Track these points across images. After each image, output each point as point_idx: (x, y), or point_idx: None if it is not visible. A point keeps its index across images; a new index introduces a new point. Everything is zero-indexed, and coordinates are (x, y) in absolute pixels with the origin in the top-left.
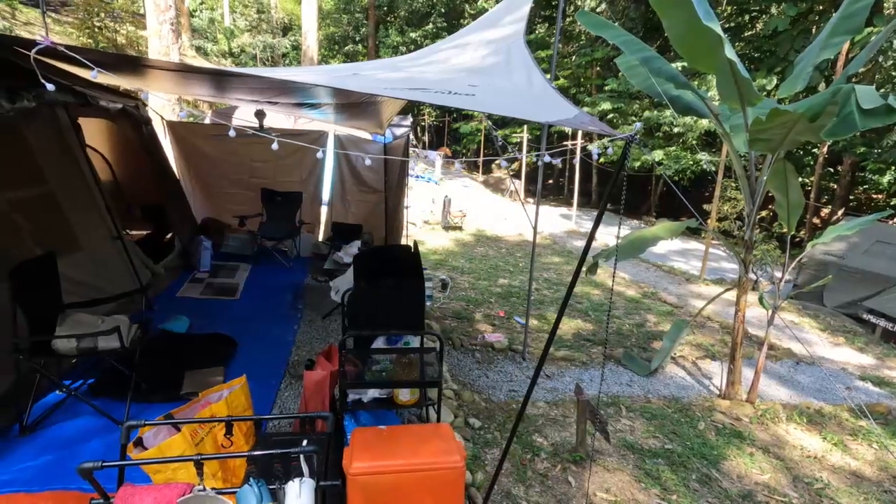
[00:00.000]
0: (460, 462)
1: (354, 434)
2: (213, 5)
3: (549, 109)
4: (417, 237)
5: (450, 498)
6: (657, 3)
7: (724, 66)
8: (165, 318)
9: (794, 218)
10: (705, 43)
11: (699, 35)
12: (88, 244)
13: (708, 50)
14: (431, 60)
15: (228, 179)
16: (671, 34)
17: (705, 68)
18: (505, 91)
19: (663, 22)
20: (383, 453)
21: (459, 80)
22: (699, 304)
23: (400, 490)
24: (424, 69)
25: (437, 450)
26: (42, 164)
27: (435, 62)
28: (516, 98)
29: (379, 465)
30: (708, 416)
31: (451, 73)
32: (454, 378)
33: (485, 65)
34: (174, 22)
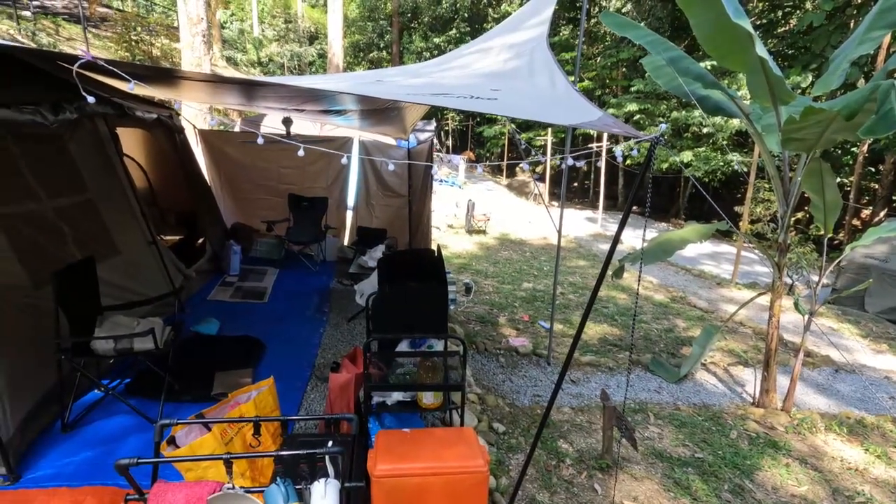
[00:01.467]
0: (484, 467)
1: (379, 436)
2: (243, 17)
3: (572, 112)
4: (441, 241)
5: (473, 502)
6: (684, 1)
7: (755, 64)
8: (197, 321)
9: (830, 219)
10: (735, 41)
11: (728, 33)
12: (125, 249)
13: (738, 48)
14: (454, 66)
15: (257, 185)
16: (699, 33)
17: (735, 67)
18: (527, 94)
19: (690, 21)
20: (407, 456)
21: (481, 84)
22: (731, 309)
23: (423, 493)
24: (446, 74)
25: (461, 454)
26: (83, 172)
27: (457, 67)
28: (539, 101)
29: (403, 468)
30: (741, 425)
31: (473, 78)
32: (478, 382)
33: (507, 69)
34: (206, 34)
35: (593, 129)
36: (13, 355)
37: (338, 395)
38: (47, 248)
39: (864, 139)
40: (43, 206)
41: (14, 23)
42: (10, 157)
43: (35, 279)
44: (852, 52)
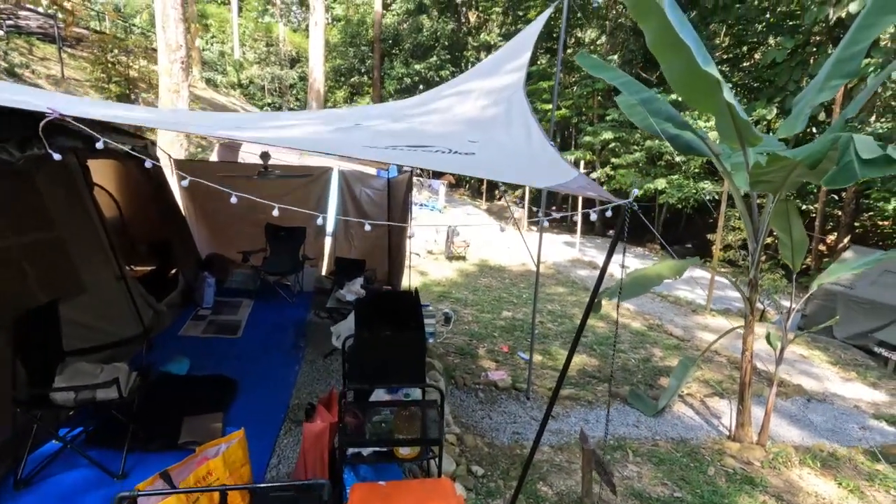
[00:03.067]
0: None
1: (353, 491)
2: (224, 39)
3: (547, 170)
4: (421, 268)
5: None
6: (655, 47)
7: (723, 108)
8: (166, 359)
9: (798, 258)
10: (704, 86)
11: (698, 79)
12: (93, 286)
13: (707, 92)
14: (434, 108)
15: (233, 215)
16: (669, 77)
17: (704, 109)
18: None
19: (661, 65)
20: None
21: (460, 134)
22: (706, 337)
23: None
24: (426, 119)
25: None
26: (51, 208)
27: (437, 111)
28: (515, 159)
29: None
30: (718, 461)
31: (452, 126)
32: (456, 420)
33: (485, 116)
34: (184, 60)
35: (568, 191)
36: None
37: (312, 444)
38: (9, 289)
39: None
40: (7, 245)
41: None
42: None
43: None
44: (813, 98)
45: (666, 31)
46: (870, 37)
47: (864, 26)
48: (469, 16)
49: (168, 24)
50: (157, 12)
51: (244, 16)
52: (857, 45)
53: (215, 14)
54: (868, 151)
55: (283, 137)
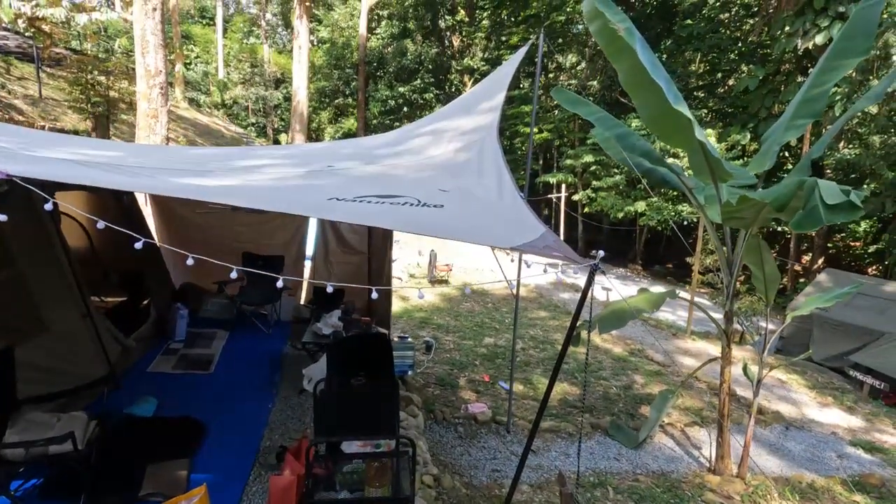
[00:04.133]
0: None
1: None
2: (208, 59)
3: (515, 228)
4: (402, 293)
5: None
6: (628, 86)
7: (695, 145)
8: (132, 399)
9: (771, 292)
10: (676, 124)
11: (670, 117)
12: (56, 325)
13: (679, 130)
14: (407, 149)
15: (209, 244)
16: (643, 115)
17: (678, 146)
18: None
19: (635, 103)
20: None
21: (430, 180)
22: (687, 362)
23: None
24: (397, 161)
25: None
26: (12, 245)
27: (410, 151)
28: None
29: None
30: (698, 496)
31: (424, 171)
32: (435, 458)
33: (457, 161)
34: (163, 86)
35: (534, 252)
36: None
37: (279, 499)
38: None
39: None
40: None
41: None
42: None
43: None
44: (780, 136)
45: (638, 71)
46: (833, 79)
47: (827, 69)
48: (453, 40)
49: (147, 50)
50: (136, 38)
51: (229, 37)
52: (821, 87)
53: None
54: (832, 197)
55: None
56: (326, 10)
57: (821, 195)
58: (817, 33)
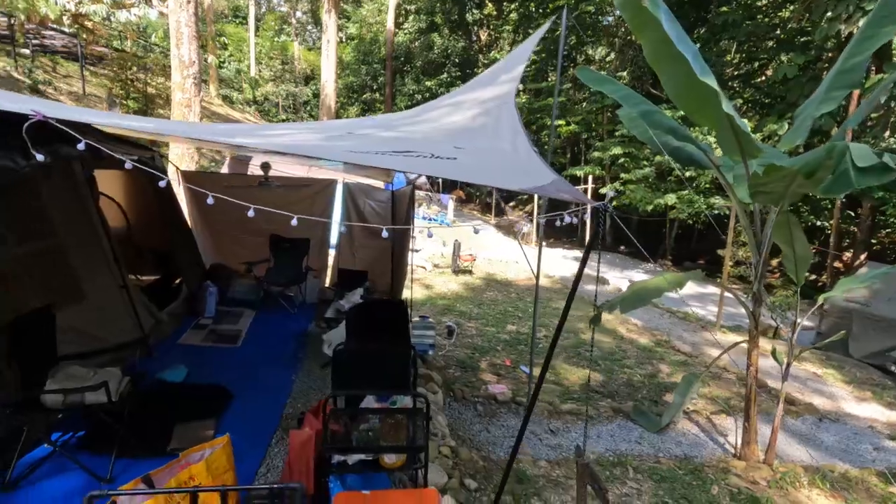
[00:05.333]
0: None
1: (336, 499)
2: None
3: (526, 176)
4: (426, 281)
5: None
6: (653, 60)
7: (723, 120)
8: (164, 367)
9: (801, 271)
10: (703, 97)
11: (696, 90)
12: (93, 294)
13: (706, 104)
14: (425, 119)
15: (239, 226)
16: (668, 90)
17: (705, 122)
18: (487, 154)
19: (660, 78)
20: None
21: (446, 141)
22: (714, 354)
23: None
24: (415, 129)
25: None
26: (54, 217)
27: (428, 121)
28: (496, 163)
29: None
30: (722, 479)
31: (440, 135)
32: (453, 433)
33: (474, 125)
34: (196, 76)
35: (544, 194)
36: None
37: (298, 452)
38: (6, 295)
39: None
40: (6, 252)
41: (12, 60)
42: None
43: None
44: (815, 110)
45: (663, 43)
46: (871, 47)
47: (866, 37)
48: (480, 34)
49: (182, 42)
50: (171, 30)
51: (261, 35)
52: (858, 56)
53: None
54: (864, 160)
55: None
56: (355, 6)
57: (852, 158)
58: (862, 17)
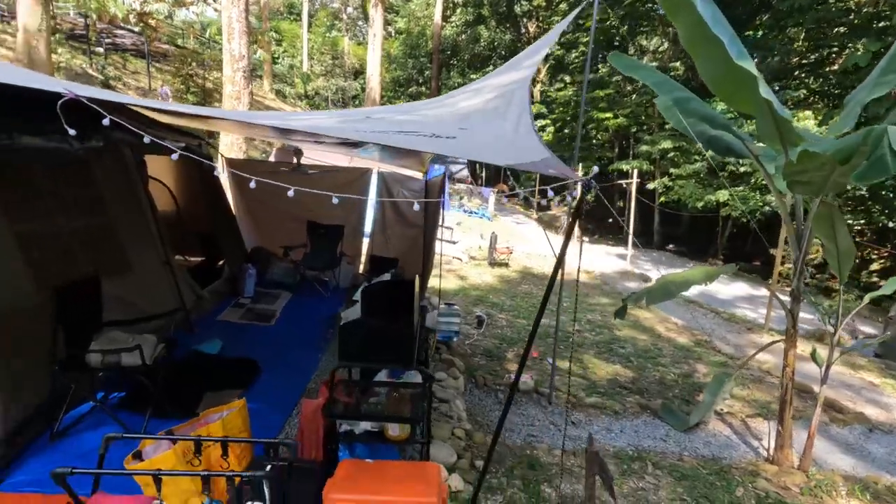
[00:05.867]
0: (435, 502)
1: (341, 465)
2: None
3: (519, 152)
4: (461, 272)
5: None
6: (688, 44)
7: (761, 105)
8: (202, 340)
9: (845, 268)
10: (739, 82)
11: (733, 75)
12: (139, 268)
13: (743, 88)
14: (445, 104)
15: (278, 212)
16: (705, 76)
17: (744, 108)
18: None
19: (696, 63)
20: (363, 487)
21: (453, 122)
22: (759, 357)
23: None
24: (431, 112)
25: (417, 490)
26: (105, 196)
27: (446, 105)
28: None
29: (355, 498)
30: (749, 482)
31: (451, 117)
32: (471, 417)
33: (487, 108)
34: (246, 69)
35: (529, 170)
36: (17, 364)
37: (309, 420)
38: (59, 265)
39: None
40: (61, 226)
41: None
42: (34, 179)
43: (43, 294)
44: (866, 95)
45: (698, 26)
46: None
47: None
48: (528, 26)
49: (233, 36)
50: (223, 26)
51: (313, 31)
52: None
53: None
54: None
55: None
56: (405, 0)
57: (890, 142)
58: None
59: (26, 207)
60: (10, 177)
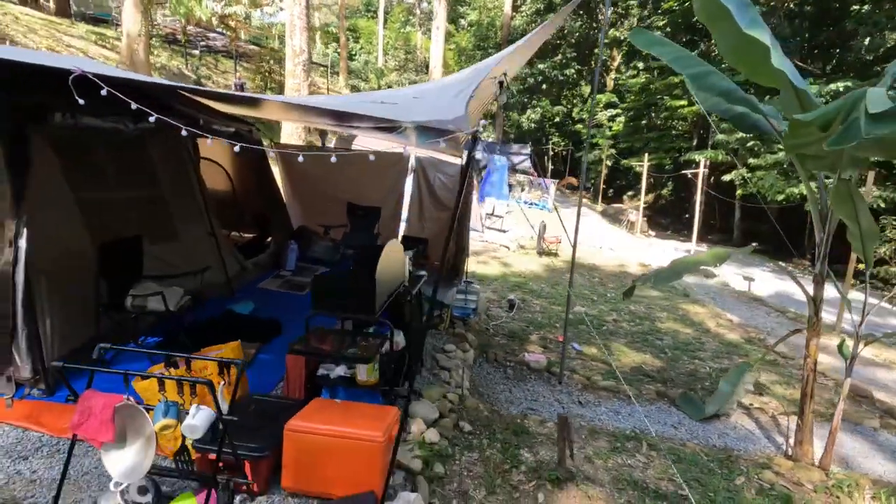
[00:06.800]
0: (380, 439)
1: (312, 402)
2: (370, 49)
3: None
4: (506, 260)
5: (366, 467)
6: (704, 14)
7: (779, 77)
8: (238, 302)
9: (869, 249)
10: (753, 53)
11: (746, 45)
12: (185, 236)
13: (760, 61)
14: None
15: (321, 193)
16: (722, 48)
17: (765, 81)
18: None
19: (713, 35)
20: (322, 419)
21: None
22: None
23: (325, 450)
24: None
25: (366, 425)
26: (158, 172)
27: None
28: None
29: (311, 427)
30: (755, 473)
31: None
32: (474, 389)
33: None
34: (305, 63)
35: (431, 125)
36: (71, 305)
37: (292, 365)
38: (113, 228)
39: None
40: (116, 196)
41: (184, 59)
42: (94, 155)
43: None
44: None
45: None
46: None
47: None
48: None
49: (294, 33)
50: (286, 23)
51: (388, 27)
52: None
53: (364, 27)
54: (877, 105)
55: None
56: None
57: (866, 105)
58: None
59: (88, 178)
60: (75, 152)
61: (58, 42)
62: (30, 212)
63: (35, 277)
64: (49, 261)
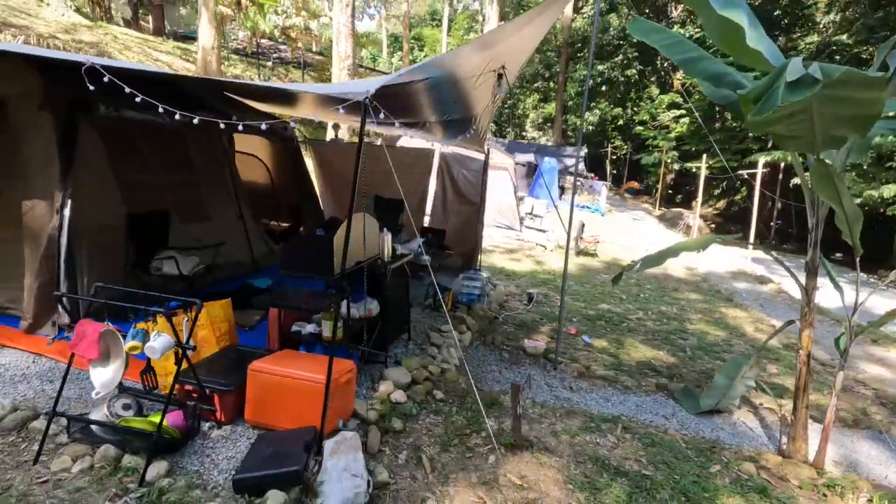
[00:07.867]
0: (321, 381)
1: (282, 352)
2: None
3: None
4: (540, 258)
5: (309, 405)
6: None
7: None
8: (258, 277)
9: (855, 232)
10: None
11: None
12: (215, 218)
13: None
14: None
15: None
16: (710, 34)
17: (747, 62)
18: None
19: (700, 19)
20: (282, 364)
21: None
22: (869, 369)
23: (280, 389)
24: None
25: (314, 369)
26: (194, 160)
27: None
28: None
29: (270, 368)
30: (736, 465)
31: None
32: (461, 369)
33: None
34: (351, 68)
35: (319, 93)
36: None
37: (273, 322)
38: (149, 205)
39: (862, 133)
40: (155, 178)
41: (256, 70)
42: (137, 143)
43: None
44: None
45: None
46: None
47: None
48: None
49: (340, 39)
50: (334, 30)
51: (452, 34)
52: None
53: (429, 35)
54: (794, 73)
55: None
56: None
57: (786, 74)
58: None
59: (129, 163)
60: (118, 140)
61: (147, 56)
62: (74, 186)
63: (77, 241)
64: (89, 229)
